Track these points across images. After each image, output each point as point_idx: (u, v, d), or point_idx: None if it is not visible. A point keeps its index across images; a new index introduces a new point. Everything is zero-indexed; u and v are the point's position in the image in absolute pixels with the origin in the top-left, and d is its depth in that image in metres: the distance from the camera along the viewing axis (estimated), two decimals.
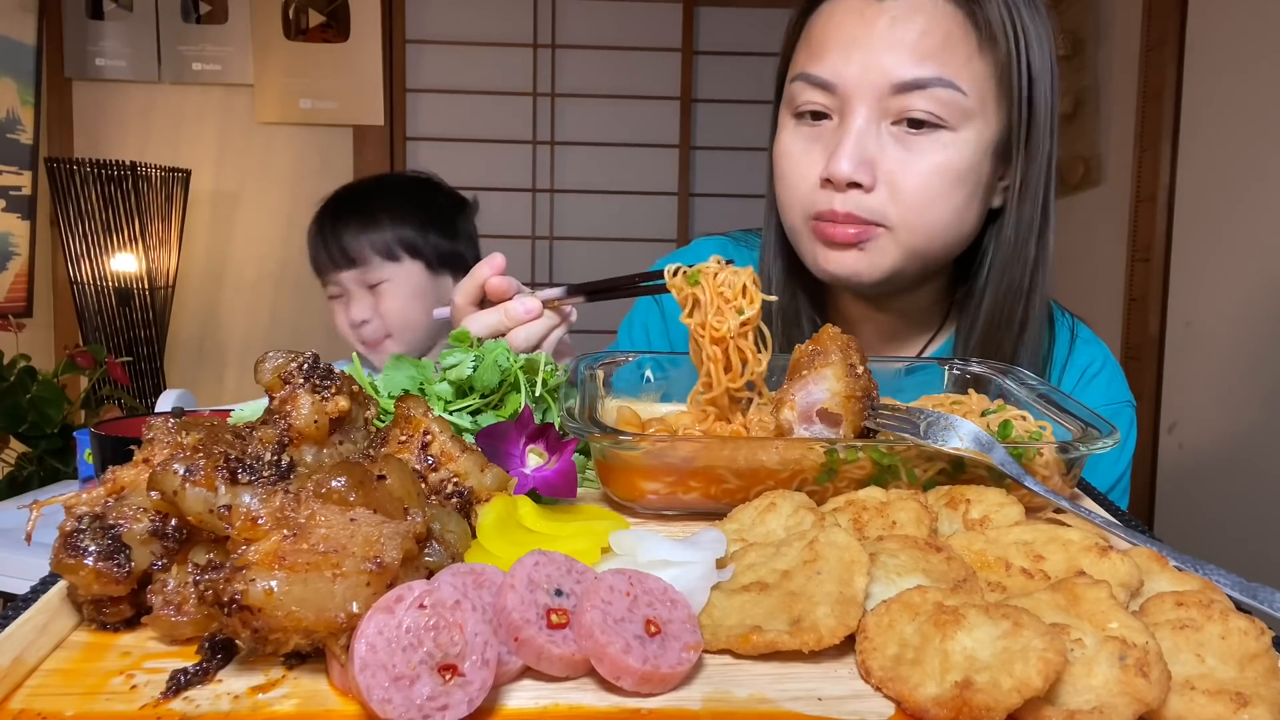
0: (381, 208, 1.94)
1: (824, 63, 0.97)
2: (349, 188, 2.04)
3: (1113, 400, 1.10)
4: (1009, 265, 1.02)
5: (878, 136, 0.96)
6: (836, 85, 0.97)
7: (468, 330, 0.95)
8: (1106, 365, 1.12)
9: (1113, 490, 1.07)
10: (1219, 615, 0.47)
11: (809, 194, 0.99)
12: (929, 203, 0.96)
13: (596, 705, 0.45)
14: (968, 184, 0.97)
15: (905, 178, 0.95)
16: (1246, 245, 2.35)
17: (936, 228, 0.98)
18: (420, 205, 1.97)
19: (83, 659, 0.48)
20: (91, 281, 3.23)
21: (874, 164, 0.95)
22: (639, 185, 3.83)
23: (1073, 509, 0.64)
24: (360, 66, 3.64)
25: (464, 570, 0.50)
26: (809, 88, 0.99)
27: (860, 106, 0.96)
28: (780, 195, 1.04)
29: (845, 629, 0.48)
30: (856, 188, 0.96)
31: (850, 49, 0.96)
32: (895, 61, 0.94)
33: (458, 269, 1.98)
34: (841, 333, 0.76)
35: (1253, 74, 2.34)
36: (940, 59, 0.94)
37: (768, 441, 0.68)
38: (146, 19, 3.57)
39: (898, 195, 0.96)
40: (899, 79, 0.94)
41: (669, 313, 1.24)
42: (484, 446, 0.66)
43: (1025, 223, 1.01)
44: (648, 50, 3.77)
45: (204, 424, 0.56)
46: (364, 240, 1.90)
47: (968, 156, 0.96)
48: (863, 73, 0.95)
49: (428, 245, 1.94)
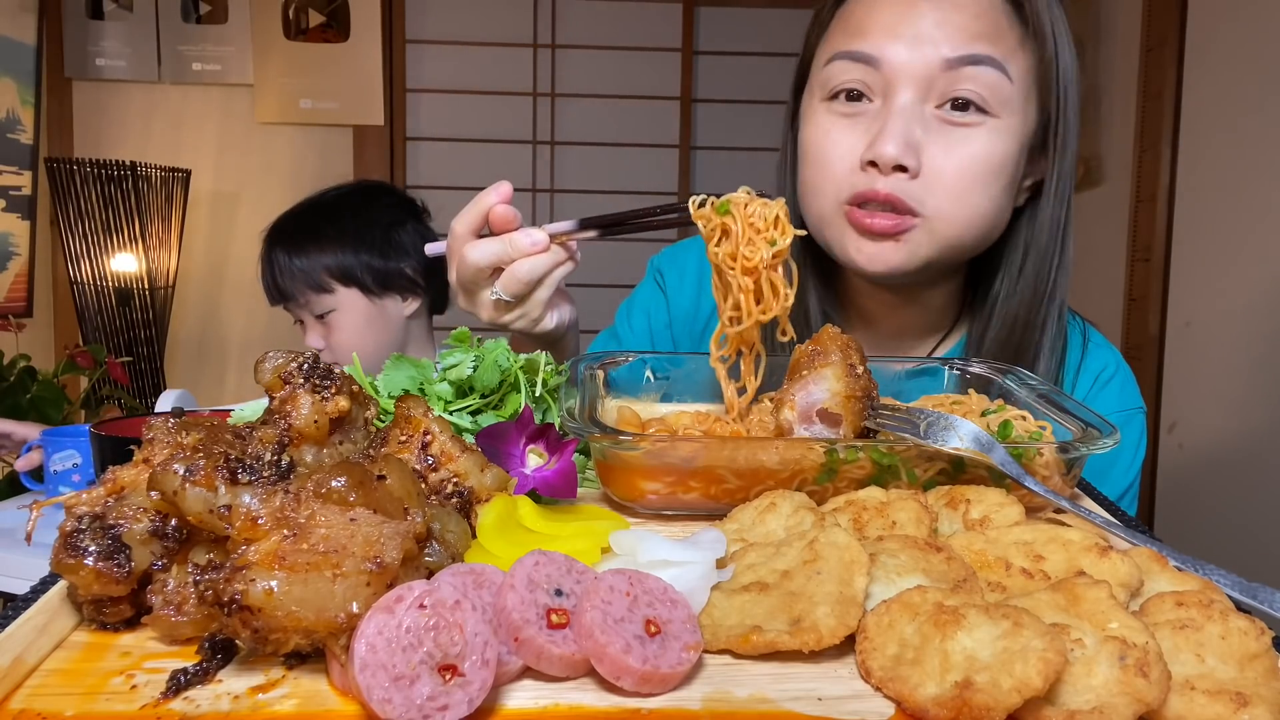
0: (308, 238, 1.86)
1: (868, 40, 0.95)
2: (284, 217, 1.95)
3: (1125, 406, 1.09)
4: (1039, 265, 1.01)
5: (923, 119, 0.94)
6: (882, 62, 0.94)
7: (470, 260, 0.91)
8: (1119, 371, 1.11)
9: (1124, 497, 1.06)
10: (1219, 615, 0.47)
11: (846, 177, 0.96)
12: (968, 191, 0.94)
13: (596, 705, 0.45)
14: (1005, 176, 0.96)
15: (948, 163, 0.93)
16: (1246, 245, 2.35)
17: (974, 219, 0.96)
18: (352, 228, 1.88)
19: (83, 659, 0.48)
20: (91, 281, 3.24)
21: (919, 148, 0.93)
22: (639, 185, 3.83)
23: (1073, 509, 0.64)
24: (360, 66, 3.64)
25: (464, 570, 0.50)
26: (851, 65, 0.96)
27: (906, 86, 0.93)
28: (811, 180, 1.00)
29: (845, 629, 0.48)
30: (901, 171, 0.93)
31: (898, 26, 0.93)
32: (945, 38, 0.92)
33: (403, 288, 1.92)
34: (841, 333, 0.76)
35: (1253, 74, 2.34)
36: (990, 41, 0.93)
37: (768, 441, 0.68)
38: (146, 19, 3.57)
39: (939, 182, 0.94)
40: (952, 54, 0.92)
41: (672, 298, 1.22)
42: (484, 446, 0.66)
43: (1055, 222, 1.01)
44: (648, 50, 3.77)
45: (204, 424, 0.56)
46: (295, 274, 1.85)
47: (1009, 147, 0.95)
48: (912, 48, 0.93)
49: (362, 269, 1.86)
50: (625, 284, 1.48)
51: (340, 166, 3.67)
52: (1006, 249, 1.03)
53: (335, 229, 1.88)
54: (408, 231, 1.94)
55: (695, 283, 1.21)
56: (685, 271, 1.23)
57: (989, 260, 1.05)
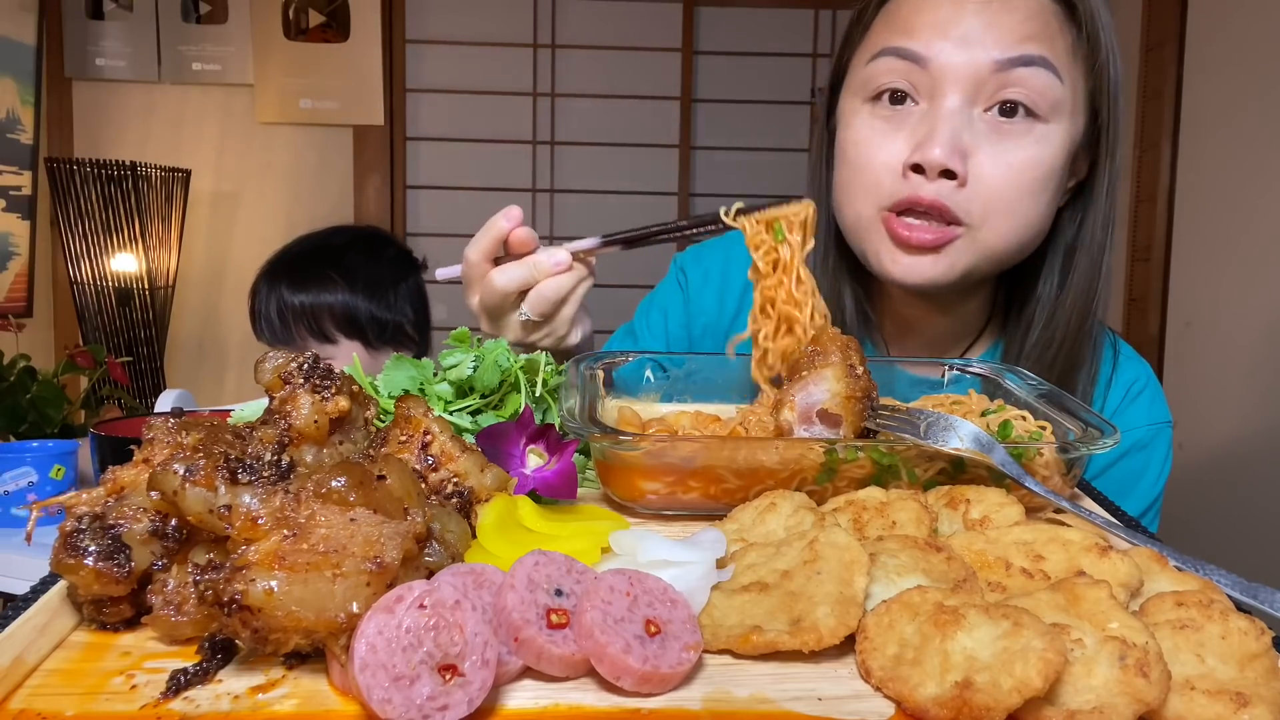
0: (317, 283, 1.83)
1: (917, 37, 0.91)
2: (287, 254, 1.92)
3: (1154, 420, 1.07)
4: (1089, 271, 0.98)
5: (970, 124, 0.90)
6: (931, 61, 0.90)
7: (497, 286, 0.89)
8: (1149, 385, 1.08)
9: (1149, 510, 1.04)
10: (1219, 615, 0.47)
11: (889, 182, 0.92)
12: (1017, 200, 0.91)
13: (596, 705, 0.45)
14: (1053, 183, 0.93)
15: (996, 170, 0.90)
16: (1246, 245, 2.35)
17: (1020, 228, 0.93)
18: (361, 277, 1.86)
19: (83, 659, 0.48)
20: (91, 281, 3.23)
21: (966, 153, 0.90)
22: (639, 185, 3.83)
23: (1073, 509, 0.64)
24: (360, 66, 3.63)
25: (464, 570, 0.50)
26: (898, 62, 0.92)
27: (954, 88, 0.90)
28: (851, 183, 0.96)
29: (845, 629, 0.48)
30: (948, 177, 0.90)
31: (947, 26, 0.90)
32: (996, 39, 0.89)
33: (399, 343, 1.90)
34: (841, 333, 0.76)
35: (1253, 74, 2.34)
36: (1041, 43, 0.89)
37: (768, 441, 0.68)
38: (146, 19, 3.57)
39: (986, 190, 0.90)
40: (1002, 55, 0.88)
41: (693, 299, 1.19)
42: (484, 447, 0.66)
43: (1103, 229, 0.98)
44: (648, 50, 3.77)
45: (204, 424, 0.56)
46: (299, 320, 1.82)
47: (1058, 153, 0.92)
48: (961, 48, 0.89)
49: (366, 320, 1.84)
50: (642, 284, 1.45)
51: (340, 166, 3.67)
52: (1048, 252, 1.00)
53: (342, 274, 1.85)
54: (409, 285, 1.93)
55: (719, 284, 1.18)
56: (709, 272, 1.20)
57: (1025, 263, 1.01)
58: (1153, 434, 1.06)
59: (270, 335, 1.87)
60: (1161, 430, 1.07)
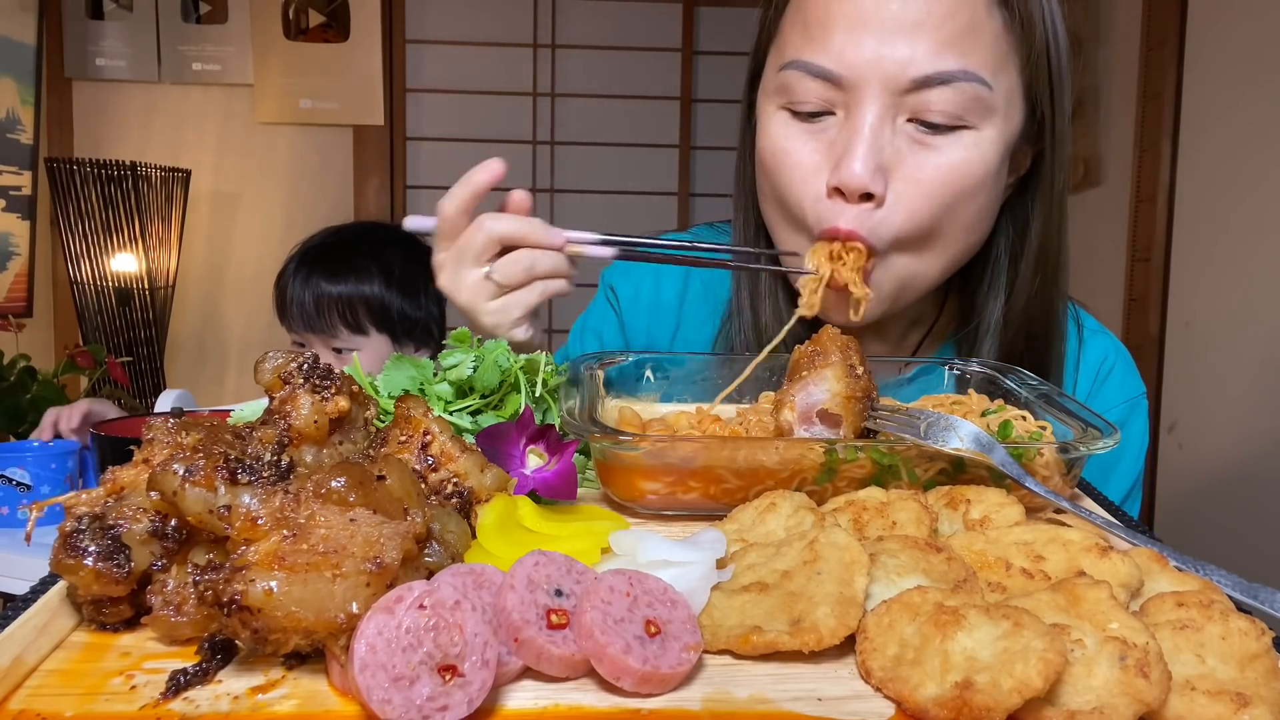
0: (355, 274, 1.85)
1: (826, 48, 0.83)
2: (322, 241, 1.93)
3: (1128, 396, 1.03)
4: (1043, 263, 0.94)
5: (892, 137, 0.84)
6: (843, 77, 0.83)
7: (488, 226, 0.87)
8: (1119, 359, 1.05)
9: (1132, 490, 1.02)
10: (1219, 615, 0.47)
11: (811, 206, 0.87)
12: (946, 216, 0.85)
13: (596, 705, 0.45)
14: (989, 188, 0.87)
15: (920, 188, 0.84)
16: (1246, 245, 2.35)
17: (954, 239, 0.88)
18: (397, 273, 1.87)
19: (82, 659, 0.48)
20: (91, 281, 3.24)
21: (888, 169, 0.84)
22: (639, 185, 3.83)
23: (1073, 509, 0.64)
24: (360, 66, 3.64)
25: (464, 570, 0.50)
26: (806, 79, 0.85)
27: (872, 101, 0.82)
28: (770, 193, 0.92)
29: (845, 629, 0.48)
30: (868, 199, 0.84)
31: (859, 31, 0.82)
32: (912, 51, 0.81)
33: (420, 340, 1.92)
34: (841, 333, 0.76)
35: (1253, 74, 2.34)
36: (963, 47, 0.82)
37: (768, 442, 0.68)
38: (146, 19, 3.57)
39: (912, 205, 0.84)
40: (916, 74, 0.81)
41: (627, 317, 1.13)
42: (484, 447, 0.66)
43: (1055, 220, 0.94)
44: (648, 50, 3.77)
45: (204, 424, 0.56)
46: (333, 307, 1.84)
47: (990, 158, 0.85)
48: (875, 62, 0.81)
49: (397, 316, 1.86)
50: None
51: (340, 166, 3.67)
52: (992, 247, 0.96)
53: (380, 268, 1.87)
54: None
55: (651, 300, 1.12)
56: (640, 288, 1.13)
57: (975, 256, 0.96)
58: (1128, 410, 1.03)
59: (302, 323, 1.88)
60: (1137, 404, 1.04)
